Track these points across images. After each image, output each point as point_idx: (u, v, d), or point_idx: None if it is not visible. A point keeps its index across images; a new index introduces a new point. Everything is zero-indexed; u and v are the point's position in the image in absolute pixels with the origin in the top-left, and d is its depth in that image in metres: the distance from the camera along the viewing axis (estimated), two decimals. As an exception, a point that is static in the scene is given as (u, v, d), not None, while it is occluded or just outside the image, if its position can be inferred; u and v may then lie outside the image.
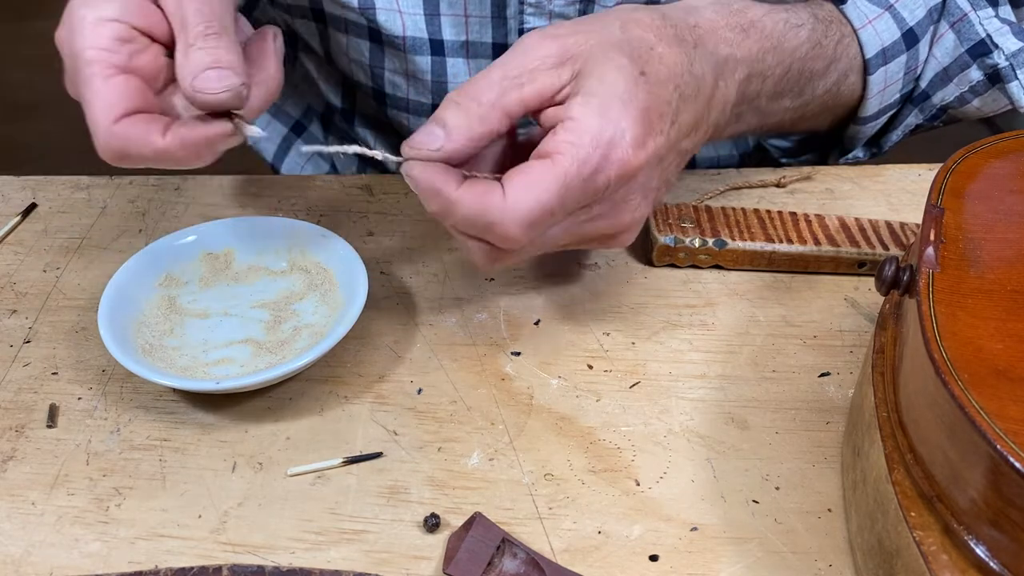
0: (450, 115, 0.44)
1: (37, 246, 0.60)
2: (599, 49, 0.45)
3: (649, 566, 0.41)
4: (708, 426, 0.48)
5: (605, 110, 0.44)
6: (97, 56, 0.43)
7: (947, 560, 0.34)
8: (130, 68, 0.44)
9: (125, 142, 0.44)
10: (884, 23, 0.59)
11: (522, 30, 0.63)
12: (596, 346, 0.52)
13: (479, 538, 0.41)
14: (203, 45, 0.43)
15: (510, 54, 0.46)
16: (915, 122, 0.66)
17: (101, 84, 0.43)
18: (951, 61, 0.62)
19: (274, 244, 0.55)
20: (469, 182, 0.44)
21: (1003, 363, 0.34)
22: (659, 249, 0.56)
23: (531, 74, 0.45)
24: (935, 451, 0.36)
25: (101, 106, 0.43)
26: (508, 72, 0.45)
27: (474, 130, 0.44)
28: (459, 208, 0.43)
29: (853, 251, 0.56)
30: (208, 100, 0.43)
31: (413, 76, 0.66)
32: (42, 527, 0.43)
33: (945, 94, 0.64)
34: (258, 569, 0.41)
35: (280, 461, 0.46)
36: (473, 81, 0.45)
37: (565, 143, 0.43)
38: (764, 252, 0.56)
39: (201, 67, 0.43)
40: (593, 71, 0.45)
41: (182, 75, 0.43)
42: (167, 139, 0.44)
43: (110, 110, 0.43)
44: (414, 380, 0.50)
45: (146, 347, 0.50)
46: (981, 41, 0.61)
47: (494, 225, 0.43)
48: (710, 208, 0.59)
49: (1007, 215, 0.42)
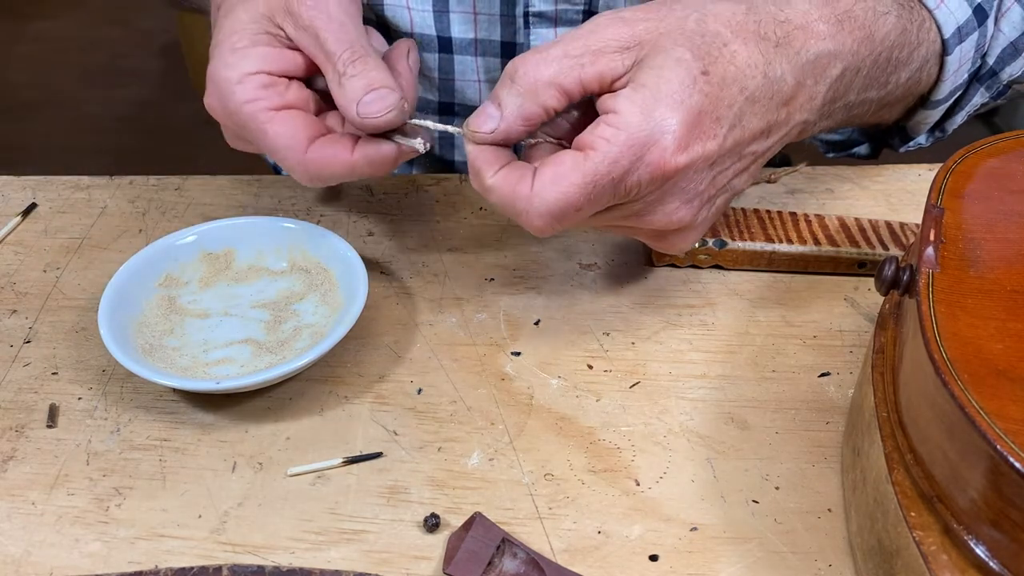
0: (505, 94, 0.44)
1: (37, 246, 0.60)
2: (666, 39, 0.44)
3: (649, 566, 0.41)
4: (708, 426, 0.48)
5: (651, 107, 0.42)
6: (255, 107, 0.47)
7: (947, 560, 0.34)
8: (286, 104, 0.48)
9: (321, 166, 0.48)
10: (955, 1, 0.57)
11: (527, 15, 0.62)
12: (596, 346, 0.52)
13: (479, 538, 0.41)
14: (353, 72, 0.47)
15: (578, 32, 0.45)
16: (981, 101, 0.64)
17: (271, 126, 0.47)
18: (1019, 34, 0.60)
19: (274, 244, 0.55)
20: (506, 169, 0.45)
21: (1003, 363, 0.34)
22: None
23: (594, 56, 0.44)
24: (935, 451, 0.36)
25: (286, 143, 0.47)
26: (570, 51, 0.44)
27: (527, 110, 0.44)
28: (491, 195, 0.45)
29: (853, 251, 0.56)
30: (376, 124, 0.47)
31: (420, 73, 0.66)
32: (42, 527, 0.43)
33: (1013, 69, 0.61)
34: (258, 569, 0.41)
35: (280, 461, 0.46)
36: (534, 55, 0.44)
37: (601, 139, 0.42)
38: (764, 252, 0.56)
39: (359, 93, 0.46)
40: (653, 61, 0.43)
41: (344, 105, 0.47)
42: (355, 155, 0.48)
43: (296, 143, 0.47)
44: (414, 380, 0.50)
45: (146, 347, 0.50)
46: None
47: (520, 215, 0.44)
48: None
49: (1007, 215, 0.42)
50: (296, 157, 0.47)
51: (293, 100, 0.48)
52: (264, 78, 0.48)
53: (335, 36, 0.47)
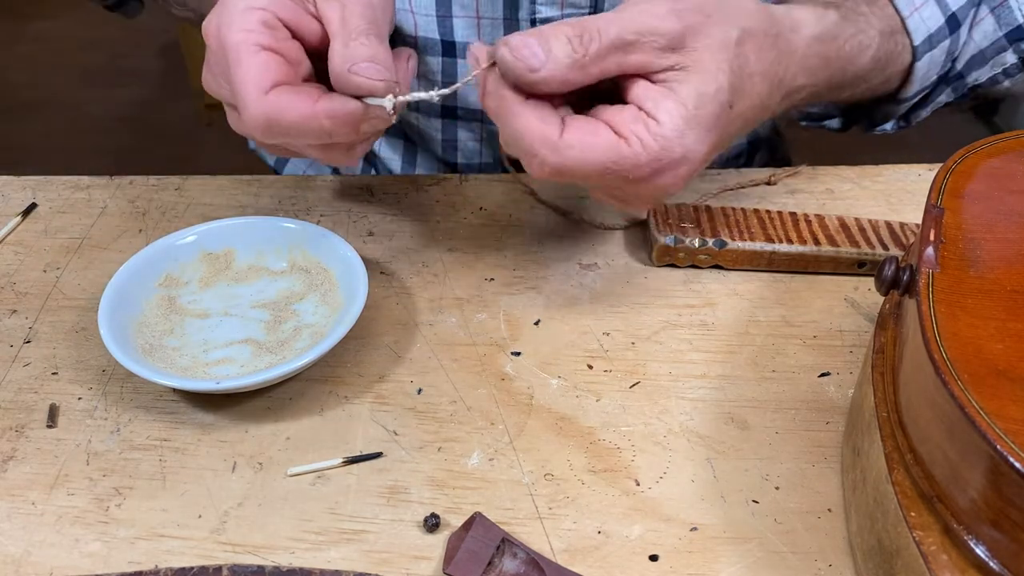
0: (558, 47, 0.43)
1: (37, 246, 0.60)
2: (713, 53, 0.45)
3: (649, 566, 0.41)
4: (708, 426, 0.48)
5: (686, 130, 0.44)
6: (245, 37, 0.45)
7: (947, 560, 0.34)
8: (276, 49, 0.46)
9: (277, 110, 0.45)
10: (929, 10, 0.60)
11: (534, 21, 0.63)
12: (596, 346, 0.52)
13: (479, 538, 0.41)
14: (365, 42, 0.46)
15: (632, 7, 0.45)
16: (946, 100, 0.67)
17: (250, 58, 0.45)
18: (989, 44, 0.64)
19: (274, 244, 0.55)
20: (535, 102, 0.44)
21: (1003, 363, 0.34)
22: (659, 249, 0.57)
23: (642, 46, 0.44)
24: (935, 451, 0.36)
25: (252, 77, 0.45)
26: (624, 31, 0.44)
27: (569, 75, 0.43)
28: (516, 119, 0.44)
29: (853, 251, 0.56)
30: (362, 84, 0.45)
31: (424, 77, 0.66)
32: (42, 527, 0.43)
33: (979, 75, 0.65)
34: (258, 569, 0.41)
35: (280, 461, 0.46)
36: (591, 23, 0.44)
37: (636, 139, 0.43)
38: (764, 252, 0.56)
39: (361, 58, 0.45)
40: (696, 76, 0.44)
41: (339, 61, 0.45)
42: (318, 106, 0.45)
43: (261, 80, 0.45)
44: (414, 380, 0.50)
45: (146, 347, 0.50)
46: (1019, 27, 0.63)
47: (534, 155, 0.44)
48: (710, 208, 0.59)
49: (1007, 215, 0.42)
50: (256, 95, 0.45)
51: (285, 50, 0.47)
52: (269, 17, 0.46)
53: (360, 11, 0.46)
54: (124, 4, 0.76)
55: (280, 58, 0.46)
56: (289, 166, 0.83)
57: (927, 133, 0.70)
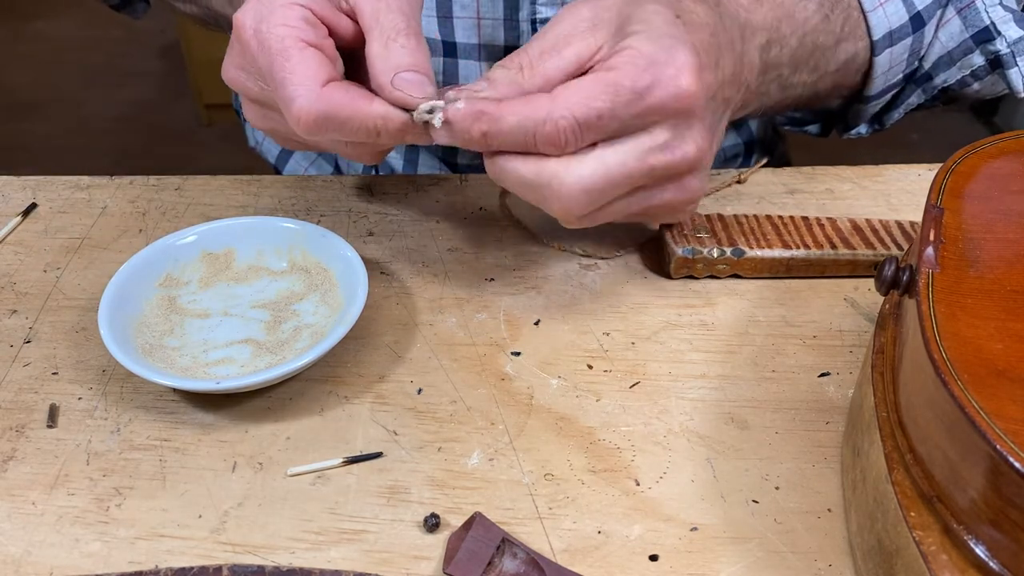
0: (499, 74, 0.45)
1: (37, 246, 0.60)
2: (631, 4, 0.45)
3: (649, 566, 0.41)
4: (708, 426, 0.48)
5: (657, 40, 0.44)
6: (290, 32, 0.45)
7: (947, 560, 0.34)
8: (318, 46, 0.45)
9: (336, 105, 0.44)
10: (893, 6, 0.61)
11: (534, 21, 0.63)
12: (596, 346, 0.52)
13: (479, 538, 0.41)
14: (404, 44, 0.45)
15: (547, 27, 0.46)
16: (916, 101, 0.68)
17: (299, 53, 0.44)
18: (955, 45, 0.64)
19: (274, 244, 0.55)
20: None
21: (1003, 363, 0.34)
22: (677, 261, 0.55)
23: (567, 39, 0.45)
24: (935, 451, 0.36)
25: (305, 72, 0.44)
26: (545, 44, 0.45)
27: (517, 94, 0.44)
28: (507, 118, 0.43)
29: (869, 253, 0.55)
30: (407, 102, 0.44)
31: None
32: (42, 527, 0.43)
33: (947, 76, 0.65)
34: (258, 569, 0.41)
35: (280, 461, 0.46)
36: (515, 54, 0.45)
37: (619, 61, 0.43)
38: (782, 259, 0.55)
39: (402, 66, 0.44)
40: (633, 17, 0.45)
41: (381, 67, 0.44)
42: (375, 106, 0.44)
43: (316, 76, 0.44)
44: (414, 380, 0.50)
45: (146, 347, 0.50)
46: (985, 28, 0.62)
47: (543, 124, 0.43)
48: (723, 217, 0.58)
49: (1007, 215, 0.42)
50: (313, 90, 0.44)
51: (324, 47, 0.46)
52: (309, 15, 0.46)
53: (397, 4, 0.46)
54: (130, 3, 0.76)
55: (323, 55, 0.46)
56: (289, 166, 0.83)
57: (927, 133, 0.70)
